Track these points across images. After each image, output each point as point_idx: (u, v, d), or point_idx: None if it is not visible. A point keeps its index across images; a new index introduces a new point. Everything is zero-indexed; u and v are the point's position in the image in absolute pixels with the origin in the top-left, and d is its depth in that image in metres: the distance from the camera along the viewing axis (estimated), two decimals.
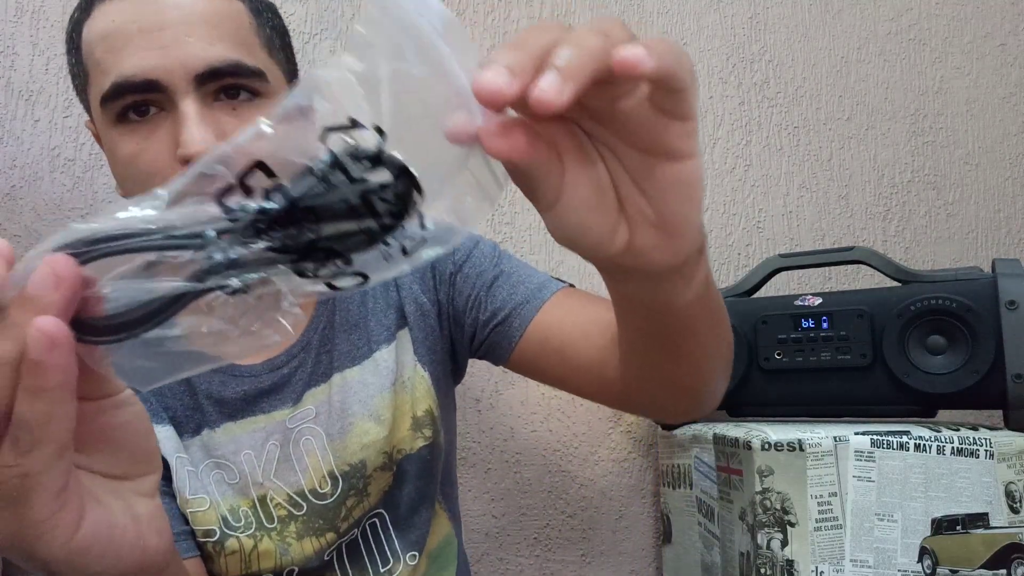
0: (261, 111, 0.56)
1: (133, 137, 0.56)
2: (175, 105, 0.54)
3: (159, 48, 0.53)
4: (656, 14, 1.27)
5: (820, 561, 0.78)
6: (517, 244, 1.18)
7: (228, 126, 0.55)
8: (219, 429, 0.64)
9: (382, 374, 0.69)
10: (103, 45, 0.55)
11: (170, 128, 0.55)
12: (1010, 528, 0.79)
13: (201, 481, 0.63)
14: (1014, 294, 0.83)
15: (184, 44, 0.53)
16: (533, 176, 0.31)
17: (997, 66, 1.36)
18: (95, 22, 0.55)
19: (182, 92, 0.54)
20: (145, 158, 0.55)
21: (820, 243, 1.29)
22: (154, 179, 0.55)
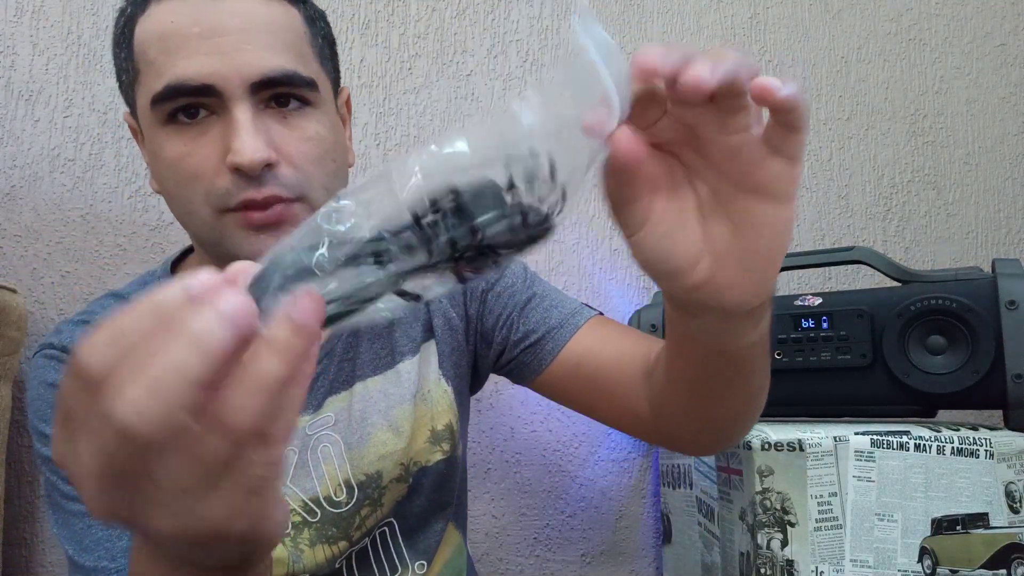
0: (310, 120, 0.57)
1: (181, 138, 0.55)
2: (227, 110, 0.54)
3: (217, 53, 0.53)
4: (656, 14, 1.27)
5: (820, 561, 0.78)
6: None
7: (278, 134, 0.55)
8: None
9: (404, 385, 0.69)
10: (159, 45, 0.54)
11: (220, 132, 0.55)
12: (1010, 528, 0.79)
13: None
14: (1014, 294, 0.83)
15: (242, 51, 0.53)
16: (634, 189, 0.33)
17: (997, 66, 1.36)
18: (150, 20, 0.55)
19: (236, 98, 0.53)
20: (192, 160, 0.55)
21: (820, 243, 1.29)
22: (199, 181, 0.55)
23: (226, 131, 0.54)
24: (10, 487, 0.96)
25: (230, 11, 0.53)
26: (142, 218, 1.04)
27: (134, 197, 1.04)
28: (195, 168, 0.55)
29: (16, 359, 0.92)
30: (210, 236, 0.57)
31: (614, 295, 1.21)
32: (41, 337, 1.00)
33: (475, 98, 1.18)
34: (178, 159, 0.55)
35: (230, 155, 0.53)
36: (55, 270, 1.01)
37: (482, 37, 1.19)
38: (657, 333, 1.03)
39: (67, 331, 0.64)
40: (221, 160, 0.54)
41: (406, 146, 1.15)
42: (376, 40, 1.14)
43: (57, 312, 1.01)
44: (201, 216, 0.56)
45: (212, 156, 0.55)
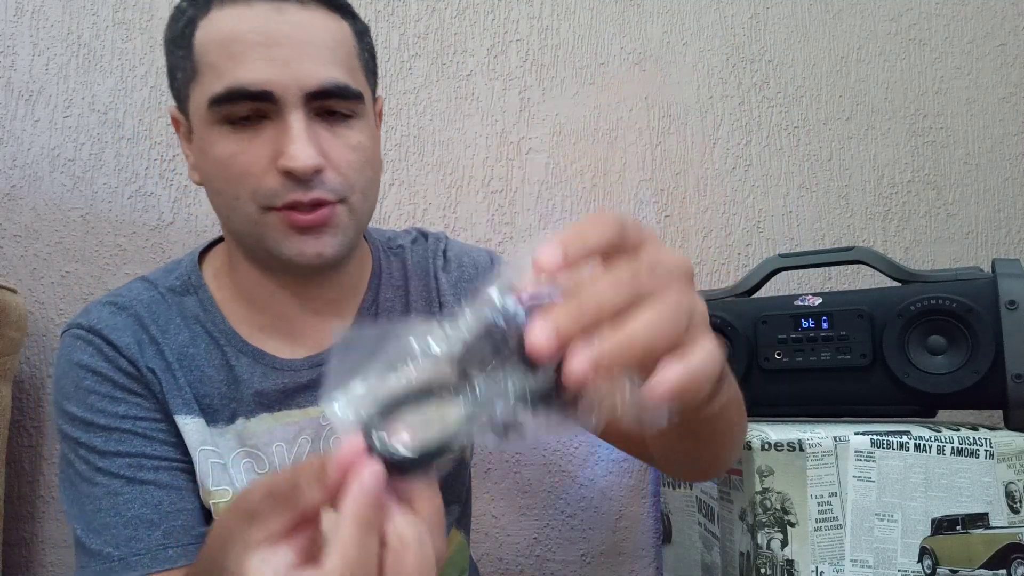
0: (354, 129, 0.61)
1: (233, 139, 0.58)
2: (282, 116, 0.57)
3: (277, 62, 0.56)
4: (656, 14, 1.27)
5: (820, 561, 0.78)
6: (517, 244, 1.18)
7: (326, 142, 0.59)
8: (255, 419, 0.65)
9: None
10: (221, 50, 0.56)
11: (272, 136, 0.57)
12: (1010, 528, 0.79)
13: (228, 472, 0.64)
14: (1014, 294, 0.83)
15: (300, 62, 0.56)
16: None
17: (997, 66, 1.36)
18: (214, 24, 0.57)
19: (292, 106, 0.57)
20: (243, 160, 0.58)
21: (820, 243, 1.29)
22: (248, 179, 0.58)
23: (279, 135, 0.57)
24: (10, 487, 0.96)
25: (291, 23, 0.57)
26: (142, 218, 1.04)
27: (134, 197, 1.04)
28: (245, 167, 0.58)
29: (16, 359, 0.92)
30: (252, 231, 0.60)
31: None
32: (41, 337, 1.00)
33: (475, 98, 1.18)
34: (229, 157, 0.58)
35: (283, 159, 0.56)
36: (55, 270, 1.01)
37: (482, 37, 1.19)
38: None
39: (96, 312, 0.65)
40: (271, 162, 0.57)
41: (406, 146, 1.15)
42: (376, 40, 1.14)
43: (57, 312, 1.01)
44: (245, 212, 0.59)
45: (263, 157, 0.57)
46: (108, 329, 0.63)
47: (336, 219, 0.60)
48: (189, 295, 0.67)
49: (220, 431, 0.64)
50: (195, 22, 0.58)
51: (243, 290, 0.67)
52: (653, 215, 1.24)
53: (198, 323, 0.66)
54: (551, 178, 1.21)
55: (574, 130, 1.22)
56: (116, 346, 0.63)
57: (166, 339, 0.65)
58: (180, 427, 0.63)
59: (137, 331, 0.64)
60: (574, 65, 1.23)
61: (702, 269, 1.25)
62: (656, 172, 1.25)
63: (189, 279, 0.68)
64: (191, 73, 0.59)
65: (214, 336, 0.66)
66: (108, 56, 1.05)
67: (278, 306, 0.67)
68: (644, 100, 1.25)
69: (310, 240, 0.59)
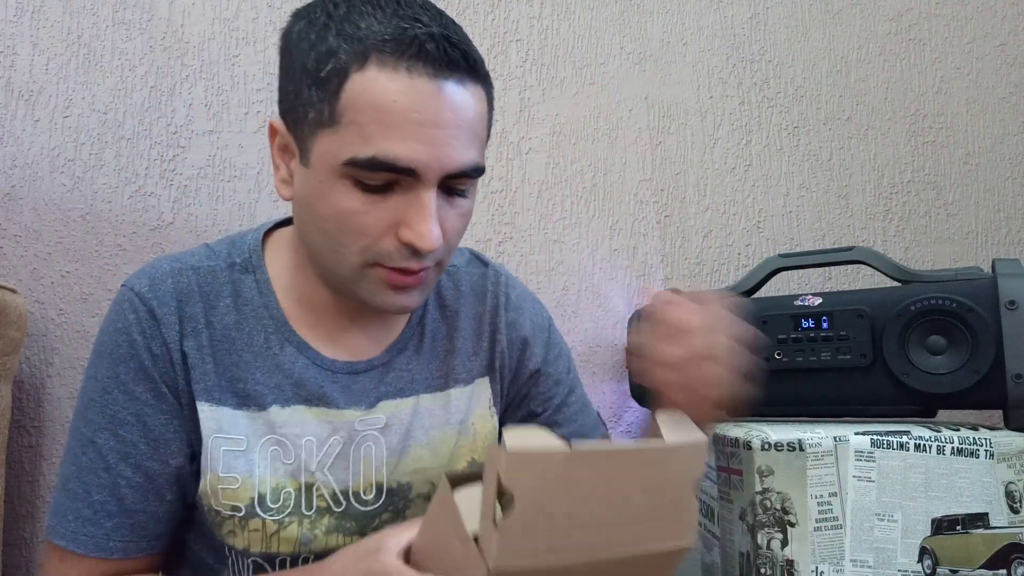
0: (467, 198, 0.62)
1: (360, 197, 0.58)
2: (415, 191, 0.58)
3: (429, 144, 0.56)
4: (656, 14, 1.27)
5: (820, 561, 0.78)
6: (517, 243, 1.18)
7: (444, 215, 0.60)
8: (289, 408, 0.66)
9: (451, 411, 0.72)
10: (375, 115, 0.55)
11: (398, 205, 0.58)
12: (1010, 528, 0.79)
13: (247, 458, 0.64)
14: (1014, 294, 0.83)
15: (449, 145, 0.57)
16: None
17: (997, 66, 1.36)
18: (372, 85, 0.56)
19: (429, 183, 0.58)
20: (365, 219, 0.58)
21: (820, 243, 1.29)
22: (364, 237, 0.59)
23: (406, 206, 0.58)
24: (10, 487, 0.97)
25: (448, 106, 0.57)
26: (142, 218, 1.04)
27: (134, 197, 1.04)
28: (365, 226, 0.58)
29: (16, 359, 0.92)
30: (348, 277, 0.62)
31: (614, 295, 1.21)
32: (41, 337, 1.00)
33: None
34: (351, 212, 0.58)
35: (410, 234, 0.58)
36: (55, 270, 1.01)
37: (482, 37, 1.19)
38: None
39: (154, 275, 0.66)
40: (391, 226, 0.58)
41: None
42: None
43: (57, 312, 1.01)
44: (350, 261, 0.60)
45: (384, 221, 0.58)
46: (155, 300, 0.64)
47: (428, 279, 0.63)
48: (248, 274, 0.68)
49: (251, 416, 0.65)
50: (347, 72, 0.56)
51: (301, 291, 0.68)
52: (653, 215, 1.24)
53: (249, 305, 0.67)
54: (551, 178, 1.21)
55: (574, 130, 1.22)
56: (156, 318, 0.64)
57: (212, 316, 0.66)
58: (201, 414, 0.64)
59: (185, 305, 0.65)
60: (574, 65, 1.23)
61: (702, 269, 1.25)
62: (656, 172, 1.25)
63: (250, 258, 0.68)
64: (328, 120, 0.57)
65: (263, 321, 0.67)
66: (108, 56, 1.05)
67: (331, 314, 0.68)
68: (644, 100, 1.25)
69: (403, 296, 0.62)
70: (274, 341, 0.67)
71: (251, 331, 0.66)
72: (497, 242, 1.18)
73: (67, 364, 1.00)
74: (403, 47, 0.55)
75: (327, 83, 0.57)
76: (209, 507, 0.64)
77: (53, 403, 1.00)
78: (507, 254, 1.18)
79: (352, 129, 0.56)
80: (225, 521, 0.64)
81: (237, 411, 0.65)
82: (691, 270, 1.24)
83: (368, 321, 0.70)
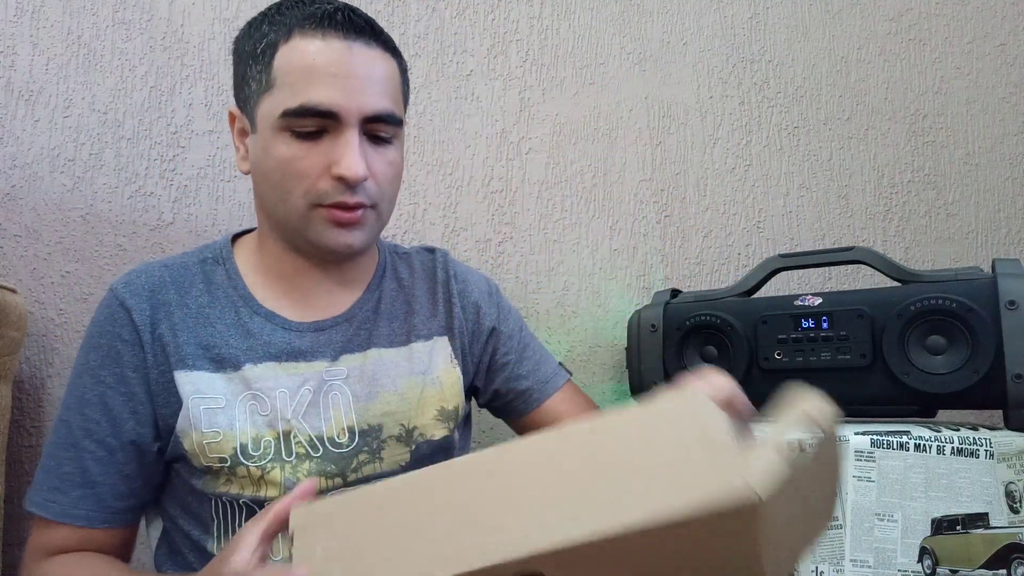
0: (391, 149, 0.74)
1: (296, 146, 0.70)
2: (340, 133, 0.70)
3: (344, 91, 0.69)
4: (656, 14, 1.27)
5: (820, 561, 0.78)
6: (517, 244, 1.18)
7: (370, 157, 0.72)
8: (261, 365, 0.75)
9: (415, 362, 0.82)
10: (299, 73, 0.69)
11: (328, 148, 0.70)
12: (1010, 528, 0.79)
13: (226, 414, 0.73)
14: (1014, 294, 0.83)
15: (363, 92, 0.70)
16: None
17: (997, 66, 1.36)
18: (294, 51, 0.69)
19: (350, 126, 0.70)
20: (301, 164, 0.70)
21: (820, 243, 1.29)
22: (303, 180, 0.70)
23: (335, 148, 0.70)
24: (10, 487, 0.97)
25: (359, 60, 0.70)
26: (142, 218, 1.04)
27: (134, 197, 1.04)
28: (303, 169, 0.70)
29: (16, 359, 0.92)
30: (298, 222, 0.72)
31: (614, 295, 1.21)
32: (41, 337, 1.00)
33: (475, 98, 1.18)
34: (290, 159, 0.70)
35: (338, 167, 0.69)
36: (55, 270, 1.01)
37: (482, 37, 1.19)
38: (657, 333, 1.03)
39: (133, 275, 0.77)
40: (326, 168, 0.70)
41: (406, 146, 1.15)
42: None
43: (57, 312, 1.01)
44: (295, 206, 0.71)
45: (318, 164, 0.70)
46: (128, 293, 0.74)
47: (367, 220, 0.73)
48: (218, 265, 0.79)
49: (228, 376, 0.74)
50: (276, 45, 0.70)
51: (267, 264, 0.79)
52: (653, 215, 1.24)
53: (220, 289, 0.77)
54: (551, 178, 1.21)
55: (574, 130, 1.22)
56: (127, 308, 0.73)
57: (187, 298, 0.76)
58: (179, 382, 0.72)
59: (157, 294, 0.75)
60: (574, 65, 1.23)
61: (702, 269, 1.25)
62: (656, 172, 1.25)
63: (220, 252, 0.80)
64: (266, 85, 0.70)
65: (233, 300, 0.77)
66: (108, 56, 1.05)
67: (297, 279, 0.78)
68: (644, 100, 1.25)
69: (345, 233, 0.72)
70: (244, 314, 0.76)
71: (222, 308, 0.76)
72: (497, 242, 1.18)
73: (67, 364, 1.00)
74: (317, 20, 0.69)
75: (262, 57, 0.71)
76: (200, 465, 0.72)
77: (53, 403, 1.00)
78: (507, 254, 1.18)
79: (284, 88, 0.69)
80: (216, 473, 0.72)
81: (215, 374, 0.74)
82: (691, 270, 1.24)
83: (332, 286, 0.80)
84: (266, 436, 0.73)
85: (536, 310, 1.18)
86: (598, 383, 1.19)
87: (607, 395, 1.19)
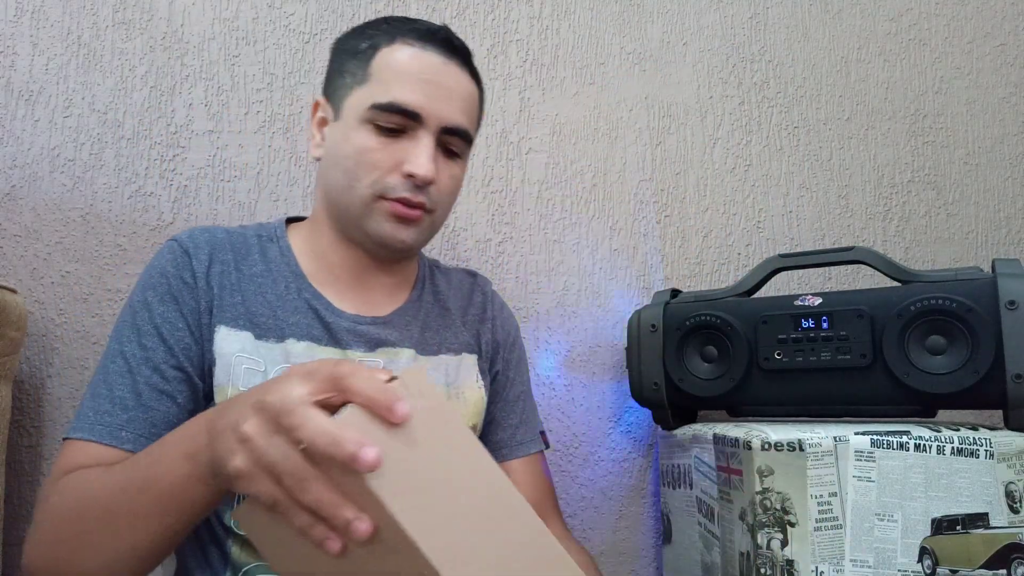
0: (456, 165, 0.81)
1: (375, 138, 0.75)
2: (417, 136, 0.75)
3: (431, 98, 0.75)
4: (656, 14, 1.27)
5: (820, 561, 0.78)
6: (517, 244, 1.18)
7: (439, 166, 0.78)
8: (303, 343, 0.78)
9: (442, 372, 0.85)
10: (394, 72, 0.75)
11: (403, 147, 0.75)
12: (1010, 528, 0.79)
13: (263, 378, 0.74)
14: (1014, 294, 0.83)
15: (447, 103, 0.76)
16: None
17: (997, 66, 1.36)
18: (394, 53, 0.76)
19: (429, 131, 0.76)
20: (375, 156, 0.75)
21: (820, 243, 1.29)
22: (375, 171, 0.75)
23: (410, 148, 0.75)
24: (10, 487, 0.97)
25: (449, 75, 0.77)
26: (142, 218, 1.04)
27: (134, 197, 1.04)
28: (376, 161, 0.75)
29: (16, 359, 0.92)
30: (359, 212, 0.77)
31: (614, 295, 1.21)
32: (41, 338, 1.00)
33: None
34: (367, 149, 0.75)
35: (409, 165, 0.75)
36: (55, 270, 1.01)
37: (482, 37, 1.19)
38: (657, 333, 1.03)
39: (193, 231, 0.80)
40: (397, 164, 0.75)
41: None
42: None
43: (57, 312, 1.01)
44: (361, 194, 0.76)
45: (391, 159, 0.75)
46: (191, 243, 0.78)
47: (423, 222, 0.79)
48: (272, 243, 0.83)
49: (269, 345, 0.77)
50: (378, 47, 0.77)
51: (318, 251, 0.83)
52: (653, 215, 1.24)
53: (274, 263, 0.81)
54: (551, 178, 1.21)
55: (574, 130, 1.22)
56: (189, 255, 0.77)
57: (243, 264, 0.80)
58: (219, 336, 0.75)
59: (216, 251, 0.78)
60: (574, 65, 1.23)
61: (702, 269, 1.25)
62: (656, 172, 1.25)
63: (275, 232, 0.84)
64: (360, 79, 0.77)
65: (285, 275, 0.81)
66: (108, 56, 1.05)
67: (345, 269, 0.83)
68: (644, 100, 1.25)
69: (402, 229, 0.77)
70: (293, 289, 0.80)
71: (275, 279, 0.80)
72: (497, 242, 1.18)
73: (67, 364, 1.00)
74: (421, 33, 0.77)
75: (363, 55, 0.77)
76: None
77: (53, 403, 1.00)
78: (507, 254, 1.18)
79: (377, 83, 0.75)
80: None
81: (258, 340, 0.76)
82: (691, 270, 1.24)
83: (375, 282, 0.84)
84: None
85: (536, 310, 1.18)
86: (598, 383, 1.19)
87: (607, 395, 1.19)
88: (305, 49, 1.12)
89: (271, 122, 1.10)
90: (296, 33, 1.12)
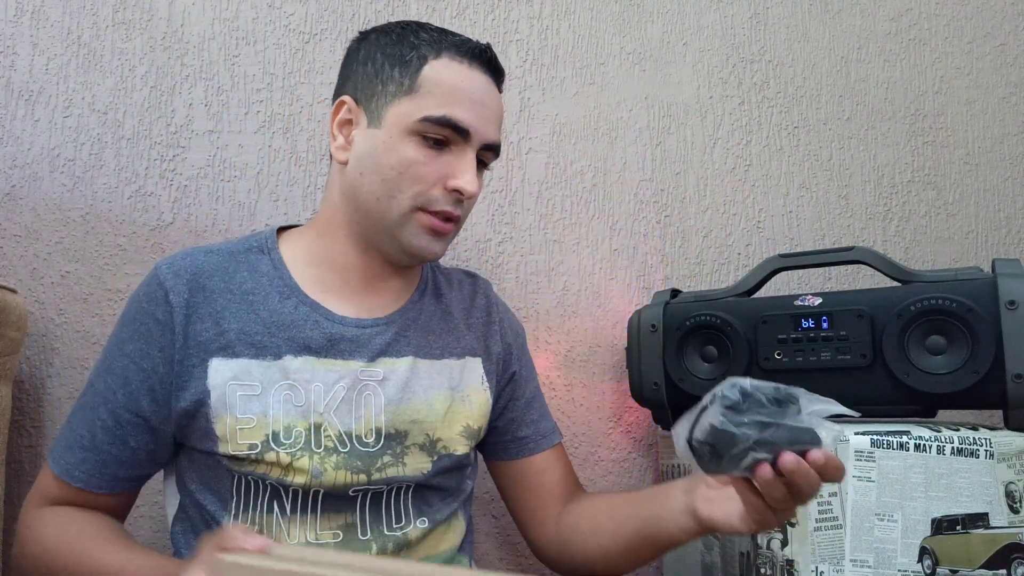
0: (482, 180, 0.83)
1: (422, 151, 0.76)
2: (463, 152, 0.77)
3: (479, 117, 0.78)
4: (656, 14, 1.27)
5: (820, 561, 0.78)
6: (517, 244, 1.18)
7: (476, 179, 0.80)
8: (300, 359, 0.77)
9: (447, 376, 0.84)
10: (447, 88, 0.76)
11: (449, 161, 0.77)
12: (1010, 528, 0.79)
13: (261, 401, 0.75)
14: (1014, 294, 0.83)
15: (490, 122, 0.79)
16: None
17: (997, 66, 1.36)
18: (444, 69, 0.77)
19: (473, 147, 0.78)
20: (422, 169, 0.76)
21: (820, 243, 1.29)
22: (418, 183, 0.76)
23: (457, 162, 0.77)
24: (10, 487, 0.96)
25: (493, 96, 0.80)
26: (142, 218, 1.04)
27: (134, 197, 1.04)
28: (423, 175, 0.76)
29: (16, 359, 0.92)
30: (395, 221, 0.77)
31: (614, 295, 1.21)
32: (41, 337, 1.00)
33: None
34: (413, 162, 0.76)
35: (457, 181, 0.76)
36: (55, 270, 1.01)
37: (482, 37, 1.19)
38: (656, 333, 1.03)
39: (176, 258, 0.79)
40: (441, 178, 0.76)
41: None
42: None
43: (57, 312, 1.01)
44: (401, 205, 0.76)
45: (435, 173, 0.76)
46: (171, 274, 0.76)
47: (453, 232, 0.80)
48: (263, 255, 0.81)
49: (266, 364, 0.76)
50: (426, 58, 0.77)
51: (320, 256, 0.82)
52: (653, 215, 1.24)
53: (265, 277, 0.80)
54: (551, 178, 1.21)
55: (574, 130, 1.22)
56: (166, 289, 0.75)
57: (232, 284, 0.78)
58: (212, 369, 0.75)
59: (200, 278, 0.77)
60: (574, 65, 1.23)
61: (702, 269, 1.25)
62: (656, 172, 1.25)
63: (265, 243, 0.83)
64: (407, 89, 0.77)
65: (278, 288, 0.79)
66: (108, 56, 1.05)
67: (353, 274, 0.82)
68: (644, 100, 1.25)
69: (435, 241, 0.78)
70: (288, 303, 0.79)
71: (267, 294, 0.78)
72: (497, 242, 1.18)
73: (67, 364, 1.00)
74: (469, 50, 0.78)
75: (409, 64, 0.77)
76: (226, 453, 0.73)
77: (53, 403, 1.00)
78: (507, 254, 1.18)
79: (428, 97, 0.76)
80: (243, 461, 0.74)
81: (252, 360, 0.76)
82: (691, 270, 1.24)
83: (382, 287, 0.83)
84: (298, 426, 0.75)
85: (536, 310, 1.18)
86: (598, 383, 1.19)
87: (607, 395, 1.19)
88: (305, 49, 1.12)
89: (271, 122, 1.10)
90: (296, 33, 1.12)
